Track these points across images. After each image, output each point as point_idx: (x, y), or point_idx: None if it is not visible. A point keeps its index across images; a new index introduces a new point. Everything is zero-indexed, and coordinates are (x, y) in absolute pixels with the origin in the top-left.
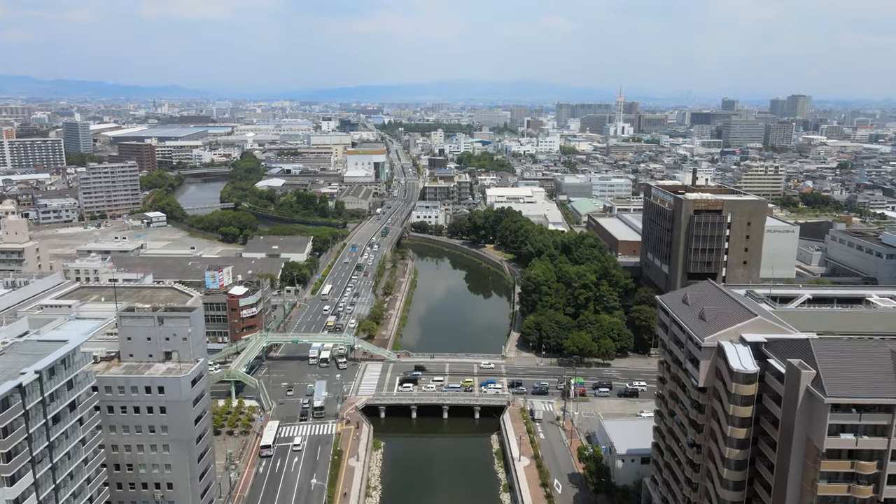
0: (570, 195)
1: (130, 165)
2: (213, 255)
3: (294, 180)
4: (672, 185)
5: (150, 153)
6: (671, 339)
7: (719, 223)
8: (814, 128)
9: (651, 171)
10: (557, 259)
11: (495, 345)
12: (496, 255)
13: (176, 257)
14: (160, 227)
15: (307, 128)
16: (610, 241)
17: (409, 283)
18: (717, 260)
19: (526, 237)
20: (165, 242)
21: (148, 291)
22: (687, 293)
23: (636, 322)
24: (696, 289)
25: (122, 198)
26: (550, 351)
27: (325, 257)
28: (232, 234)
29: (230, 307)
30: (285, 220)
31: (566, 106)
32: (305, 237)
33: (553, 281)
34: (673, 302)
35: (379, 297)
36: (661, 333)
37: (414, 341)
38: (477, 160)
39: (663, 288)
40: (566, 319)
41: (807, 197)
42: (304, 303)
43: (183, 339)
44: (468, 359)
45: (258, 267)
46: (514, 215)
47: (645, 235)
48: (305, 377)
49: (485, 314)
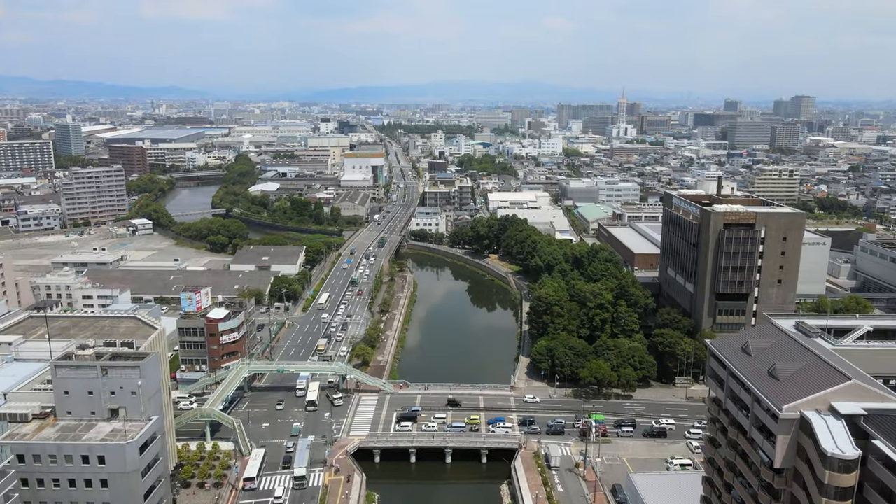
0: (576, 200)
1: (116, 170)
2: (199, 268)
3: (289, 184)
4: (695, 195)
5: (142, 156)
6: (728, 396)
7: (752, 238)
8: (818, 129)
9: (657, 174)
10: (569, 275)
11: (503, 371)
12: (501, 267)
13: (158, 271)
14: (146, 236)
15: (305, 129)
16: (625, 254)
17: (408, 298)
18: (749, 279)
19: (534, 249)
20: (150, 252)
21: (107, 322)
22: (749, 341)
23: (658, 347)
24: (759, 334)
25: (107, 204)
26: (565, 380)
27: (319, 269)
28: (221, 243)
29: (208, 332)
30: (278, 227)
31: (567, 107)
32: (298, 247)
33: (566, 300)
34: (729, 350)
35: (375, 316)
36: (713, 387)
37: (413, 367)
38: (478, 163)
39: (688, 309)
40: (581, 344)
41: (823, 202)
42: (293, 322)
43: (132, 394)
44: (473, 390)
45: (246, 281)
46: (519, 224)
47: (665, 249)
48: (292, 412)
49: (490, 334)
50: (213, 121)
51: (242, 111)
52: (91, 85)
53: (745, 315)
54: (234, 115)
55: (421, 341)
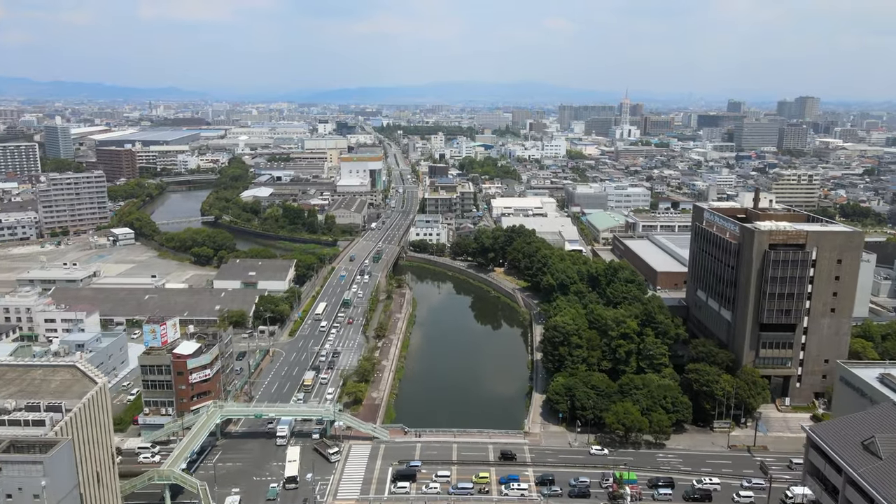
0: (584, 206)
1: (97, 175)
2: (179, 285)
3: (283, 189)
4: (729, 209)
5: (130, 159)
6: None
7: (802, 261)
8: (824, 130)
9: (666, 178)
10: (586, 297)
11: (514, 409)
12: (507, 282)
13: (132, 289)
14: (128, 246)
15: (303, 130)
16: (645, 272)
17: (407, 319)
18: (798, 308)
19: (544, 264)
20: (128, 265)
21: (39, 373)
22: (875, 437)
23: (694, 386)
24: (883, 420)
25: (87, 212)
26: (587, 424)
27: (310, 285)
28: (205, 255)
29: (175, 371)
30: (269, 236)
31: (569, 108)
32: (287, 261)
33: (584, 328)
34: (843, 444)
35: (370, 342)
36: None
37: (412, 403)
38: (480, 166)
39: (724, 339)
40: (605, 382)
41: (844, 209)
42: (279, 349)
43: (34, 497)
44: (481, 437)
45: (228, 301)
46: (526, 235)
47: (694, 268)
48: (270, 467)
49: (498, 361)
50: (210, 122)
51: (240, 112)
52: (90, 86)
53: (792, 349)
54: (231, 116)
55: (421, 372)
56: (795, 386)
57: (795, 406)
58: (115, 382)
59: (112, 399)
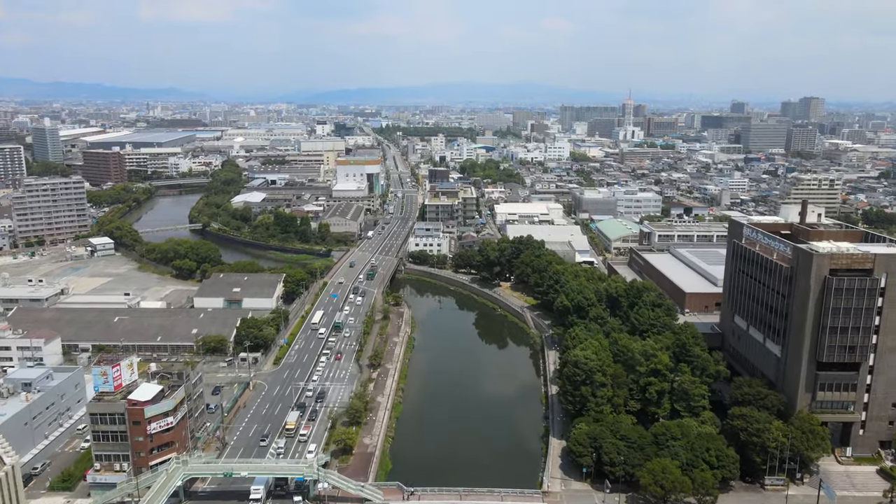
0: (592, 212)
1: (76, 181)
2: (155, 304)
3: (276, 194)
4: (772, 225)
5: (119, 162)
6: None
7: (870, 290)
8: (830, 131)
9: (675, 181)
10: (607, 323)
11: (528, 457)
12: (515, 299)
13: (102, 308)
14: (107, 257)
15: (300, 132)
16: (670, 291)
17: (405, 344)
18: (863, 344)
19: (556, 281)
20: (104, 279)
21: None
22: None
23: (740, 435)
24: None
25: (65, 220)
26: (617, 481)
27: (300, 303)
28: (188, 268)
29: (131, 420)
30: (259, 245)
31: (570, 108)
32: (276, 276)
33: (608, 362)
34: None
35: (363, 372)
36: None
37: (411, 451)
38: (481, 169)
39: (772, 377)
40: (636, 432)
41: (868, 215)
42: (262, 381)
43: None
44: (492, 499)
45: (208, 323)
46: (535, 246)
47: (732, 292)
48: None
49: (508, 394)
50: (207, 123)
51: (239, 113)
52: (89, 86)
53: (855, 391)
54: (229, 117)
55: (421, 408)
56: (858, 433)
57: (858, 457)
58: (69, 426)
59: (64, 446)
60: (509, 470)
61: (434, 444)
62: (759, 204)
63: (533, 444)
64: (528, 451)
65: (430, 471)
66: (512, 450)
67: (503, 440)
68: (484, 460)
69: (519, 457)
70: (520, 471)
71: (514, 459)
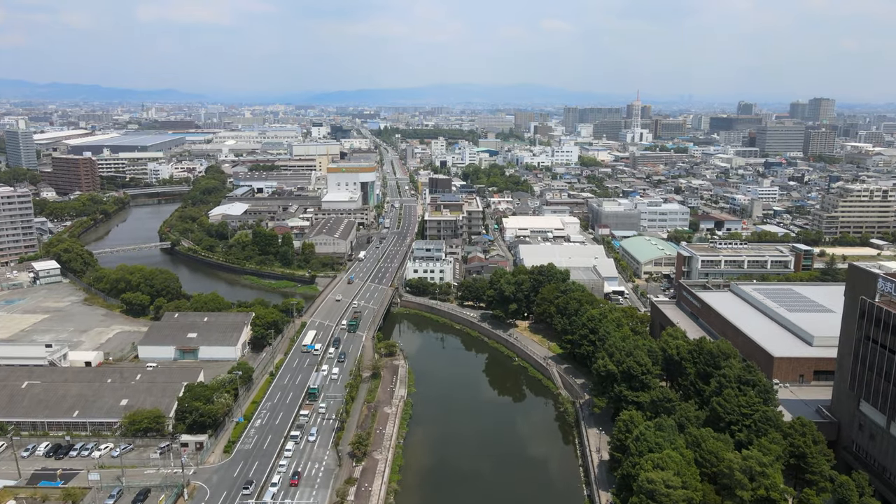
0: (613, 227)
1: (20, 195)
2: (86, 355)
3: (260, 205)
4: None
5: (90, 168)
6: None
7: None
8: (843, 133)
9: (696, 189)
10: (677, 409)
11: None
12: (535, 345)
13: (14, 367)
14: (51, 285)
15: (294, 134)
16: (745, 350)
17: (400, 416)
18: None
19: (592, 330)
20: (40, 317)
21: None
22: None
23: None
24: None
25: (9, 239)
26: None
27: (270, 353)
28: (139, 304)
29: None
30: (234, 269)
31: (574, 110)
32: (243, 315)
33: (695, 485)
34: None
35: (343, 466)
36: None
37: None
38: (486, 175)
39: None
40: None
41: None
42: (203, 482)
43: None
44: None
45: (143, 390)
46: (558, 279)
47: (854, 365)
48: None
49: (536, 495)
50: (200, 125)
51: (234, 115)
52: (87, 88)
53: None
54: (224, 119)
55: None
56: None
57: None
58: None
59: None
60: None
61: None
62: (796, 216)
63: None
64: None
65: None
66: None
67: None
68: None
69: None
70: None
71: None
